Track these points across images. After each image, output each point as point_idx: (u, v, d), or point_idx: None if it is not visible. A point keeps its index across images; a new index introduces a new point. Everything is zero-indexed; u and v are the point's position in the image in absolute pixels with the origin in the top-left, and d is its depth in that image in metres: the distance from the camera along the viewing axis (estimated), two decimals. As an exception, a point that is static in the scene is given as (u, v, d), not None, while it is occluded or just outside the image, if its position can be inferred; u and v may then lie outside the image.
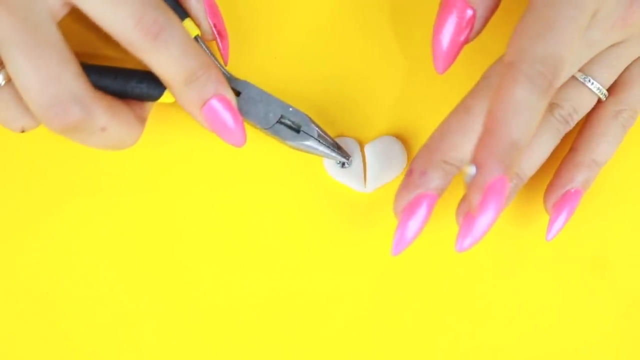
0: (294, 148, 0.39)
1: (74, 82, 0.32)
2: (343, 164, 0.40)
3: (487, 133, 0.33)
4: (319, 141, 0.38)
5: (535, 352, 0.40)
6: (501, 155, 0.32)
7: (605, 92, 0.39)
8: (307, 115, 0.39)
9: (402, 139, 0.41)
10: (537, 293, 0.40)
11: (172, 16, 0.33)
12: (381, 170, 0.40)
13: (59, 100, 0.32)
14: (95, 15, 0.32)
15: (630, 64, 0.39)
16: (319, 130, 0.39)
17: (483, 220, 0.32)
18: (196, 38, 0.38)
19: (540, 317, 0.40)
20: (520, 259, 0.40)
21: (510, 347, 0.40)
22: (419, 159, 0.36)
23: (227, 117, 0.35)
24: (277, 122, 0.38)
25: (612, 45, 0.38)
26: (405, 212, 0.36)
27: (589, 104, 0.39)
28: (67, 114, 0.32)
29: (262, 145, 0.40)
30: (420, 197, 0.36)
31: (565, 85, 0.38)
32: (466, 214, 0.36)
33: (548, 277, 0.40)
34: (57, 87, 0.32)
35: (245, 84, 0.38)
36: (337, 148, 0.39)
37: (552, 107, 0.38)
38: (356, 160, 0.40)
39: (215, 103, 0.35)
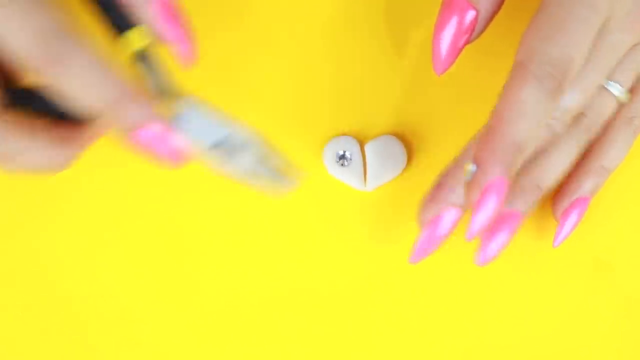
0: (229, 174, 0.34)
1: None
2: (343, 157, 0.40)
3: (491, 132, 0.33)
4: (258, 165, 0.34)
5: (538, 353, 0.40)
6: (503, 156, 0.33)
7: (628, 96, 0.38)
8: (251, 137, 0.34)
9: (403, 139, 0.41)
10: (540, 295, 0.40)
11: (78, 43, 0.31)
12: (381, 169, 0.40)
13: None
14: None
15: None
16: (264, 149, 0.34)
17: (479, 218, 0.33)
18: (141, 49, 0.35)
19: (542, 319, 0.40)
20: (523, 261, 0.40)
21: (512, 349, 0.40)
22: (448, 174, 0.37)
23: (160, 145, 0.33)
24: (215, 144, 0.34)
25: (632, 48, 0.37)
26: (431, 224, 0.36)
27: (612, 109, 0.38)
28: None
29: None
30: (446, 211, 0.36)
31: (589, 92, 0.37)
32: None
33: (550, 279, 0.40)
34: None
35: (189, 102, 0.34)
36: (280, 174, 0.35)
37: (578, 116, 0.37)
38: (356, 158, 0.40)
39: (143, 133, 0.32)
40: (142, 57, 0.35)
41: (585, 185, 0.38)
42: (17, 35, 0.30)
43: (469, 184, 0.33)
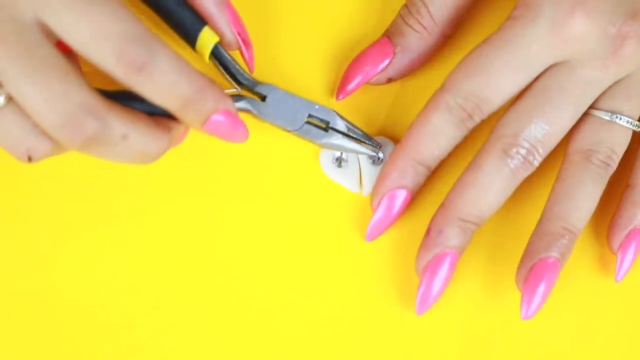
0: (324, 147, 0.39)
1: (81, 95, 0.31)
2: (339, 161, 0.40)
3: (398, 147, 0.38)
4: (349, 136, 0.39)
5: (537, 353, 0.40)
6: (402, 170, 0.38)
7: (637, 123, 0.38)
8: (334, 111, 0.39)
9: (396, 141, 0.41)
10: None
11: (158, 46, 0.32)
12: (375, 171, 0.40)
13: (71, 116, 0.31)
14: (79, 49, 0.32)
15: None
16: (347, 124, 0.39)
17: (373, 220, 0.39)
18: (216, 45, 0.38)
19: (542, 318, 0.39)
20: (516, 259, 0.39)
21: (511, 348, 0.40)
22: (436, 218, 0.38)
23: (230, 126, 0.35)
24: (305, 122, 0.38)
25: (620, 80, 0.38)
26: (427, 272, 0.37)
27: (624, 140, 0.38)
28: (83, 127, 0.31)
29: (257, 143, 0.40)
30: (440, 256, 0.37)
31: (593, 128, 0.38)
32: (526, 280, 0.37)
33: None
34: (65, 104, 0.31)
35: (270, 87, 0.39)
36: (368, 139, 0.39)
37: (587, 154, 0.38)
38: (352, 160, 0.40)
39: (217, 118, 0.34)
40: (217, 52, 0.38)
41: (638, 215, 0.39)
42: (100, 43, 0.31)
43: (373, 193, 0.39)
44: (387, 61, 0.40)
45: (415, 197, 0.39)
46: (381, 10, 0.42)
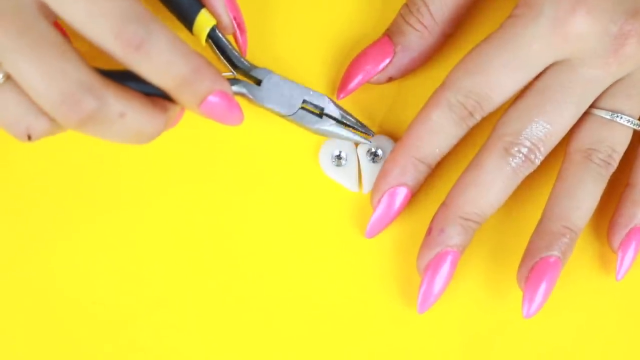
0: (317, 133, 0.39)
1: (78, 73, 0.31)
2: (338, 158, 0.40)
3: (399, 144, 0.39)
4: (342, 122, 0.39)
5: (539, 351, 0.40)
6: (403, 167, 0.38)
7: (637, 122, 0.39)
8: (328, 97, 0.39)
9: (396, 139, 0.40)
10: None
11: (155, 26, 0.32)
12: (375, 169, 0.40)
13: (69, 94, 0.31)
14: (77, 27, 0.32)
15: None
16: (341, 111, 0.39)
17: (374, 216, 0.39)
18: (213, 28, 0.38)
19: (543, 316, 0.39)
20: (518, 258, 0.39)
21: (513, 347, 0.40)
22: (437, 217, 0.38)
23: (226, 108, 0.35)
24: (300, 108, 0.39)
25: (621, 79, 0.38)
26: (428, 270, 0.38)
27: (625, 139, 0.39)
28: (80, 105, 0.31)
29: (257, 142, 0.40)
30: (441, 254, 0.38)
31: (594, 127, 0.38)
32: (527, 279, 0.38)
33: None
34: (63, 82, 0.31)
35: (266, 71, 0.39)
36: (361, 126, 0.40)
37: (588, 153, 0.38)
38: (352, 159, 0.40)
39: (212, 99, 0.34)
40: (214, 36, 0.38)
41: (638, 214, 0.39)
42: (98, 20, 0.31)
43: (374, 189, 0.39)
44: (387, 60, 0.40)
45: (417, 195, 0.39)
46: (381, 10, 0.42)
